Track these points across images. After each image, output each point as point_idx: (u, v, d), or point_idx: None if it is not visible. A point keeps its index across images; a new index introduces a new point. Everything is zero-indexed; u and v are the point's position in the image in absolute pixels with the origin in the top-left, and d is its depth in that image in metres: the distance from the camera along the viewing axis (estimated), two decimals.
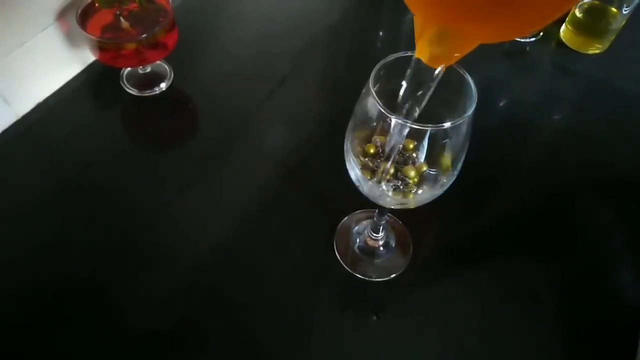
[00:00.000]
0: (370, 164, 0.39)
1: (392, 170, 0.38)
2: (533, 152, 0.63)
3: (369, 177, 0.39)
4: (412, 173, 0.38)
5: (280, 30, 0.75)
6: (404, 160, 0.39)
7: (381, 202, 0.40)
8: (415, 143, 0.38)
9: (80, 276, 0.50)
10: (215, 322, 0.47)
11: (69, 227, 0.53)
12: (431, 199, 0.39)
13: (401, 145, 0.36)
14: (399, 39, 0.78)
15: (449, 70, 0.35)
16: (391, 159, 0.37)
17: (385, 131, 0.37)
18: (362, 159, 0.39)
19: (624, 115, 0.67)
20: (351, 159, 0.39)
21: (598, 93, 0.70)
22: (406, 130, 0.33)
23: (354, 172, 0.39)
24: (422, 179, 0.39)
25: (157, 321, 0.47)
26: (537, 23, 0.28)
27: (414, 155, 0.39)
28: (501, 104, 0.68)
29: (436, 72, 0.31)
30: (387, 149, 0.36)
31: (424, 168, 0.38)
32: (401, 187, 0.39)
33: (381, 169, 0.38)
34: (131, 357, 0.46)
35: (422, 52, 0.31)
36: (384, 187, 0.39)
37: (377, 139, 0.39)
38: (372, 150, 0.39)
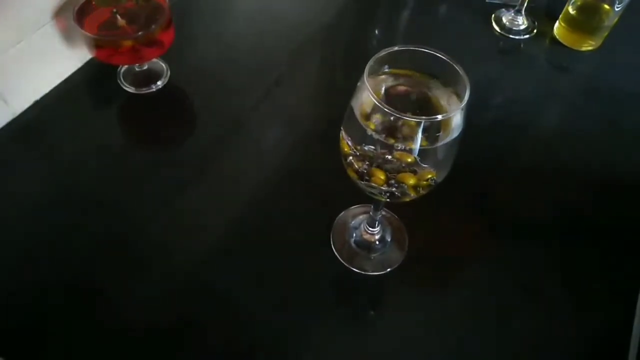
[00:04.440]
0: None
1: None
2: (527, 149, 0.64)
3: (356, 178, 0.40)
4: (412, 181, 0.38)
5: (277, 27, 0.75)
6: (397, 169, 0.38)
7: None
8: (414, 158, 0.37)
9: (79, 275, 0.50)
10: (213, 318, 0.48)
11: (67, 226, 0.53)
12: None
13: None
14: (395, 36, 0.78)
15: (443, 64, 0.36)
16: None
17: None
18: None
19: (617, 111, 0.67)
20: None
21: (591, 89, 0.70)
22: None
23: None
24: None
25: (155, 320, 0.47)
26: None
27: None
28: (496, 101, 0.69)
29: None
30: None
31: (429, 175, 0.38)
32: (397, 193, 0.39)
33: None
34: (129, 357, 0.46)
35: None
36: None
37: (376, 117, 0.38)
38: (372, 127, 0.39)
